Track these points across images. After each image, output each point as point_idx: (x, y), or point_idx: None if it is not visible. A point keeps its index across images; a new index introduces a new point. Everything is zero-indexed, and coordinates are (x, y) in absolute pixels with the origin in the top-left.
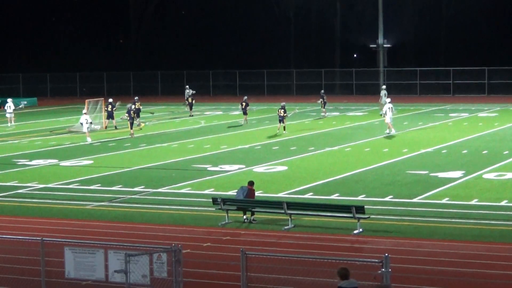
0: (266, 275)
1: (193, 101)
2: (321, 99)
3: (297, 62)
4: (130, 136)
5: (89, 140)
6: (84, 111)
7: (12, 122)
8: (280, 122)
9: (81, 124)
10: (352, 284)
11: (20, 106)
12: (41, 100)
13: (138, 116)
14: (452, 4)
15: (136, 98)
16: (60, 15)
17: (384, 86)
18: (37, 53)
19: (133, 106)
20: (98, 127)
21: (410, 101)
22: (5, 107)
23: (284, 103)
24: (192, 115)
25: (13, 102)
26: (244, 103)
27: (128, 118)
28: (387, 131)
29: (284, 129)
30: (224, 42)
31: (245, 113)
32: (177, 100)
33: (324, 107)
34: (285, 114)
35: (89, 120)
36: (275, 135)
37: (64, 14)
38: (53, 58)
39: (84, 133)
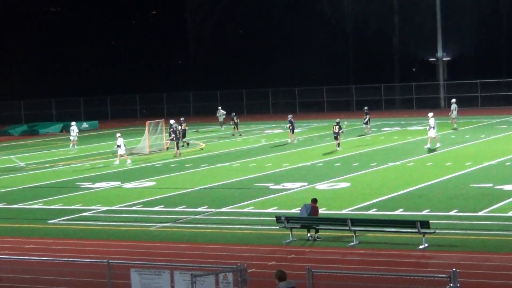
0: None
1: (238, 120)
2: (365, 116)
3: (356, 77)
4: (176, 156)
5: (116, 162)
6: (118, 134)
7: (75, 145)
8: (335, 139)
9: (119, 146)
10: (290, 284)
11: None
12: (102, 123)
13: (184, 136)
14: None
15: (182, 118)
16: (119, 38)
17: (454, 100)
18: (97, 76)
19: (179, 127)
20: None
21: (471, 113)
22: (70, 130)
23: (338, 119)
24: (240, 134)
25: (76, 125)
26: (290, 122)
27: (175, 139)
28: (429, 145)
29: (338, 146)
30: (282, 59)
31: (293, 131)
32: (240, 119)
33: (368, 124)
34: (340, 131)
35: (123, 143)
36: (333, 152)
37: (123, 37)
38: (113, 81)
39: (122, 155)
